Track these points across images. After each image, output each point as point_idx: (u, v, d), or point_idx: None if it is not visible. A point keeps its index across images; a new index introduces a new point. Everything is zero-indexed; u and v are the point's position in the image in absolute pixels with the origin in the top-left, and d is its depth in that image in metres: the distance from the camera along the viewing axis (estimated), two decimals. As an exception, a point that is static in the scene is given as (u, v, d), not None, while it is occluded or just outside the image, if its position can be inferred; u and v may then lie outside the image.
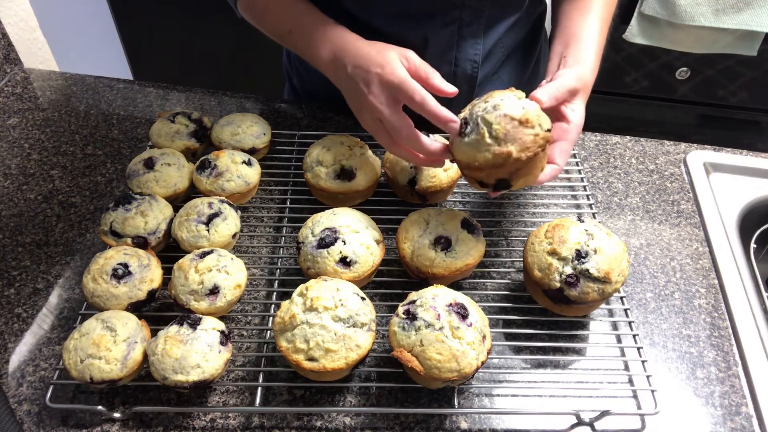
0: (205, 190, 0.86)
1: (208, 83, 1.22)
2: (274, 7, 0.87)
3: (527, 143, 0.65)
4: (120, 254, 0.74)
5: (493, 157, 0.65)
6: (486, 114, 0.66)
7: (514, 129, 0.64)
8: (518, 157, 0.65)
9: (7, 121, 1.08)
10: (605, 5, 0.89)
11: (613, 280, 0.71)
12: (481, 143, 0.66)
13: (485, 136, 0.65)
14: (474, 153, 0.67)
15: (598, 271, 0.70)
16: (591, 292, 0.70)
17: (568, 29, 0.87)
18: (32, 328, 0.76)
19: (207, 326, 0.67)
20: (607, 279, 0.70)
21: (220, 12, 2.00)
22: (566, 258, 0.71)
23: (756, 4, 1.46)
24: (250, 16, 0.92)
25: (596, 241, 0.72)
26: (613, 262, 0.71)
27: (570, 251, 0.71)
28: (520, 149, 0.64)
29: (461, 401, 0.70)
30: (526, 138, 0.64)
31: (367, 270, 0.75)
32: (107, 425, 0.67)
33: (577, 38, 0.84)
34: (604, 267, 0.70)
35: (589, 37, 0.84)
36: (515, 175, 0.68)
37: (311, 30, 0.83)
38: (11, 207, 0.92)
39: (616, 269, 0.71)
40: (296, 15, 0.85)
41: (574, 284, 0.70)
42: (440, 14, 0.89)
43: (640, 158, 1.04)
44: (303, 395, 0.70)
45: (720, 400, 0.72)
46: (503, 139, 0.64)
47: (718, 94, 1.72)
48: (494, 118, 0.65)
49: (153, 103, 1.13)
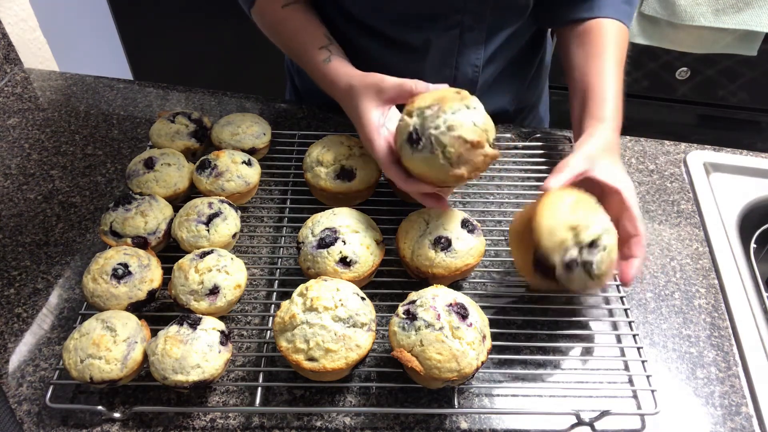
0: (205, 190, 0.86)
1: (208, 83, 1.22)
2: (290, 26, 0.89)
3: (477, 164, 0.67)
4: (120, 254, 0.74)
5: (446, 177, 0.68)
6: (441, 135, 0.66)
7: (467, 152, 0.66)
8: (469, 177, 0.68)
9: (7, 121, 1.08)
10: (618, 45, 0.86)
11: (603, 281, 0.69)
12: (435, 162, 0.67)
13: (439, 157, 0.67)
14: (427, 168, 0.68)
15: (599, 270, 0.68)
16: (578, 282, 0.67)
17: (582, 85, 0.85)
18: (32, 328, 0.77)
19: (207, 326, 0.67)
20: (599, 279, 0.68)
21: (221, 12, 2.00)
22: (582, 242, 0.65)
23: (756, 4, 1.46)
24: (262, 24, 0.93)
25: (611, 236, 0.69)
26: (613, 263, 0.70)
27: (589, 237, 0.66)
28: (471, 170, 0.67)
29: (461, 401, 0.70)
30: (477, 159, 0.67)
31: (367, 270, 0.75)
32: (107, 425, 0.67)
33: (593, 93, 0.82)
34: (605, 269, 0.68)
35: (607, 88, 0.82)
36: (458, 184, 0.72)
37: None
38: (11, 207, 0.92)
39: (610, 273, 0.69)
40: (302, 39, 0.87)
41: (570, 269, 0.66)
42: (442, 18, 0.89)
43: (640, 158, 1.04)
44: (303, 395, 0.70)
45: (720, 400, 0.72)
46: (456, 161, 0.66)
47: (718, 94, 1.72)
48: (449, 141, 0.66)
49: (153, 103, 1.13)
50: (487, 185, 0.97)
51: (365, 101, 0.76)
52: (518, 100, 1.09)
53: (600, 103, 0.81)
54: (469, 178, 0.68)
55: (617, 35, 0.87)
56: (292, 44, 0.89)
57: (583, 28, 0.89)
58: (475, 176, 0.68)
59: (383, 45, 0.94)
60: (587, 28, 0.88)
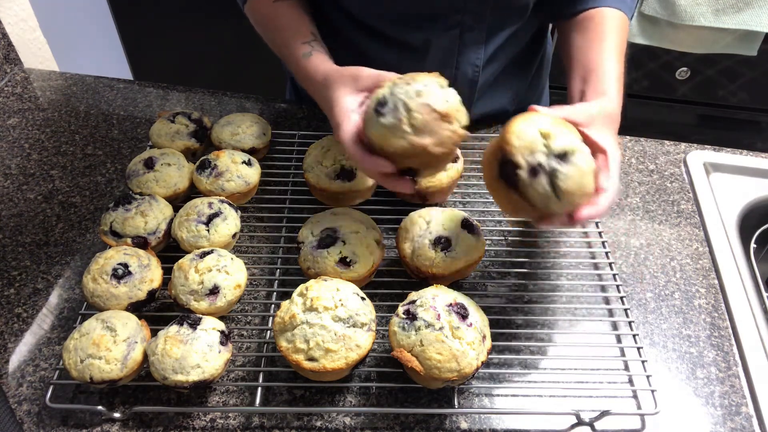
0: (205, 190, 0.86)
1: (208, 83, 1.22)
2: (279, 21, 0.88)
3: (443, 139, 0.63)
4: (120, 254, 0.74)
5: (408, 146, 0.63)
6: (408, 99, 0.63)
7: (434, 122, 0.63)
8: (432, 151, 0.63)
9: (7, 121, 1.08)
10: (619, 32, 0.85)
11: (564, 201, 0.63)
12: (398, 129, 0.63)
13: (403, 123, 0.63)
14: (389, 137, 0.64)
15: (564, 183, 0.62)
16: (538, 193, 0.62)
17: (583, 63, 0.83)
18: (32, 328, 0.76)
19: (207, 326, 0.67)
20: (562, 195, 0.62)
21: (221, 12, 2.00)
22: (552, 149, 0.62)
23: (756, 4, 1.46)
24: (254, 20, 0.93)
25: (584, 158, 0.64)
26: (579, 189, 0.63)
27: (561, 148, 0.62)
28: (435, 143, 0.63)
29: (461, 401, 0.70)
30: (443, 133, 0.63)
31: (367, 270, 0.75)
32: (107, 425, 0.67)
33: (595, 71, 0.80)
34: (572, 185, 0.62)
35: (608, 68, 0.80)
36: (424, 165, 0.67)
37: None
38: (11, 207, 0.92)
39: (576, 195, 0.63)
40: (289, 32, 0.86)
41: (535, 174, 0.62)
42: (442, 18, 0.89)
43: (640, 158, 1.04)
44: (303, 395, 0.70)
45: (720, 400, 0.72)
46: (421, 129, 0.62)
47: (718, 94, 1.72)
48: (416, 106, 0.63)
49: (153, 103, 1.13)
50: (487, 185, 0.97)
51: (340, 88, 0.74)
52: (519, 100, 1.09)
53: (603, 80, 0.79)
54: (432, 155, 0.63)
55: (618, 24, 0.87)
56: (277, 38, 0.88)
57: (584, 16, 0.88)
58: (438, 153, 0.63)
59: (383, 45, 0.94)
60: (588, 16, 0.88)
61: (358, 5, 0.90)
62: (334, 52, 0.87)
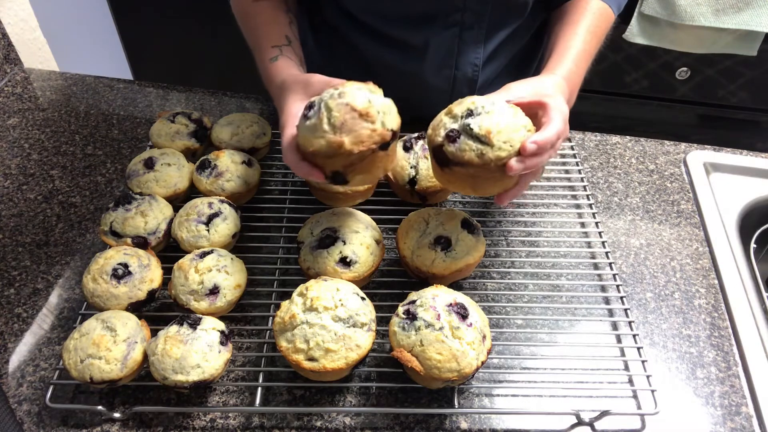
0: (205, 190, 0.86)
1: (208, 83, 1.22)
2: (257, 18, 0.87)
3: (362, 137, 0.63)
4: (120, 254, 0.74)
5: (327, 144, 0.63)
6: (329, 100, 0.64)
7: (353, 120, 0.62)
8: (350, 149, 0.63)
9: (7, 121, 1.08)
10: (595, 17, 0.87)
11: (495, 143, 0.64)
12: (318, 128, 0.63)
13: (323, 122, 0.63)
14: (310, 137, 0.64)
15: (480, 128, 0.64)
16: (468, 151, 0.65)
17: (551, 45, 0.86)
18: (32, 328, 0.76)
19: (207, 326, 0.67)
20: (488, 140, 0.64)
21: (221, 12, 2.00)
22: (456, 115, 0.67)
23: (756, 4, 1.46)
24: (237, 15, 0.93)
25: (493, 106, 0.67)
26: (499, 125, 0.65)
27: (463, 110, 0.67)
28: (353, 141, 0.63)
29: (461, 401, 0.70)
30: (362, 131, 0.63)
31: (367, 270, 0.75)
32: (107, 425, 0.67)
33: (555, 51, 0.83)
34: (487, 125, 0.64)
35: (568, 46, 0.82)
36: (350, 169, 0.67)
37: None
38: (11, 207, 0.92)
39: (502, 132, 0.65)
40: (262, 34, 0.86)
41: (454, 140, 0.66)
42: (442, 17, 0.89)
43: (640, 158, 1.04)
44: (303, 395, 0.70)
45: (720, 400, 0.72)
46: (339, 128, 0.62)
47: (718, 94, 1.72)
48: (335, 105, 0.63)
49: (153, 103, 1.13)
50: (487, 185, 0.97)
51: (291, 94, 0.74)
52: (518, 100, 1.09)
53: (561, 56, 0.81)
54: (355, 153, 0.63)
55: (597, 11, 0.88)
56: (251, 38, 0.88)
57: (569, 5, 0.90)
58: (361, 152, 0.63)
59: (382, 44, 0.94)
60: (572, 4, 0.90)
61: (358, 5, 0.90)
62: (332, 51, 0.87)
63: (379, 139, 0.64)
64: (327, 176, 0.68)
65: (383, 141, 0.64)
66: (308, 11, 1.01)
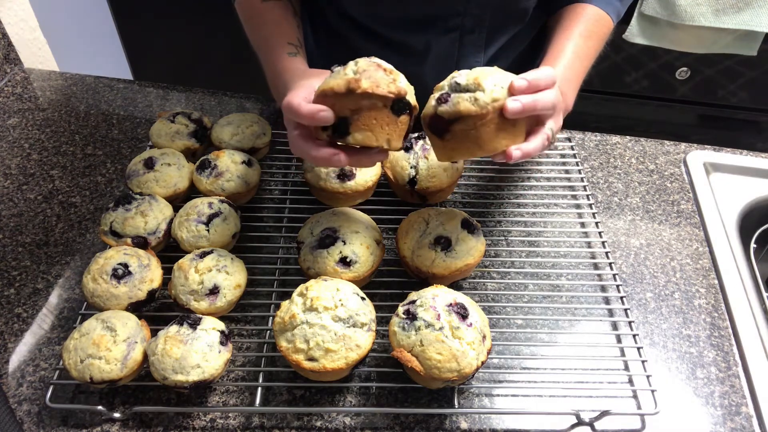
0: (205, 190, 0.86)
1: (208, 83, 1.22)
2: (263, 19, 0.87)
3: (379, 81, 0.64)
4: (120, 254, 0.74)
5: (344, 83, 0.64)
6: (360, 60, 0.67)
7: (375, 71, 0.65)
8: (365, 89, 0.63)
9: (7, 121, 1.08)
10: (590, 22, 0.87)
11: (486, 87, 0.64)
12: (340, 74, 0.66)
13: (347, 68, 0.66)
14: (329, 80, 0.66)
15: (467, 79, 0.65)
16: (462, 101, 0.64)
17: (543, 50, 0.87)
18: (32, 328, 0.77)
19: (207, 326, 0.67)
20: (478, 86, 0.64)
21: (221, 12, 2.00)
22: (443, 86, 0.68)
23: (756, 4, 1.46)
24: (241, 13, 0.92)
25: (477, 72, 0.67)
26: (485, 72, 0.66)
27: (449, 81, 0.68)
28: (370, 83, 0.64)
29: (461, 401, 0.70)
30: (381, 78, 0.64)
31: (367, 270, 0.75)
32: (107, 425, 0.67)
33: (547, 55, 0.84)
34: (474, 74, 0.66)
35: (561, 49, 0.83)
36: (356, 117, 0.66)
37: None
38: (11, 207, 0.92)
39: (489, 77, 0.65)
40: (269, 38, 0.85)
41: (445, 100, 0.66)
42: (442, 21, 0.89)
43: (640, 158, 1.05)
44: (303, 395, 0.70)
45: (720, 400, 0.72)
46: (360, 74, 0.65)
47: (718, 94, 1.72)
48: (363, 62, 0.66)
49: (153, 103, 1.13)
50: (486, 185, 0.97)
51: (314, 78, 0.74)
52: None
53: (550, 58, 0.82)
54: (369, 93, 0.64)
55: (593, 17, 0.88)
56: (259, 36, 0.87)
57: (565, 9, 0.91)
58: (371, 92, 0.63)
59: (383, 48, 0.94)
60: (569, 9, 0.90)
61: (359, 8, 0.90)
62: (333, 54, 0.87)
63: (396, 91, 0.65)
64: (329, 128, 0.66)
65: (398, 96, 0.65)
66: (309, 14, 1.01)
